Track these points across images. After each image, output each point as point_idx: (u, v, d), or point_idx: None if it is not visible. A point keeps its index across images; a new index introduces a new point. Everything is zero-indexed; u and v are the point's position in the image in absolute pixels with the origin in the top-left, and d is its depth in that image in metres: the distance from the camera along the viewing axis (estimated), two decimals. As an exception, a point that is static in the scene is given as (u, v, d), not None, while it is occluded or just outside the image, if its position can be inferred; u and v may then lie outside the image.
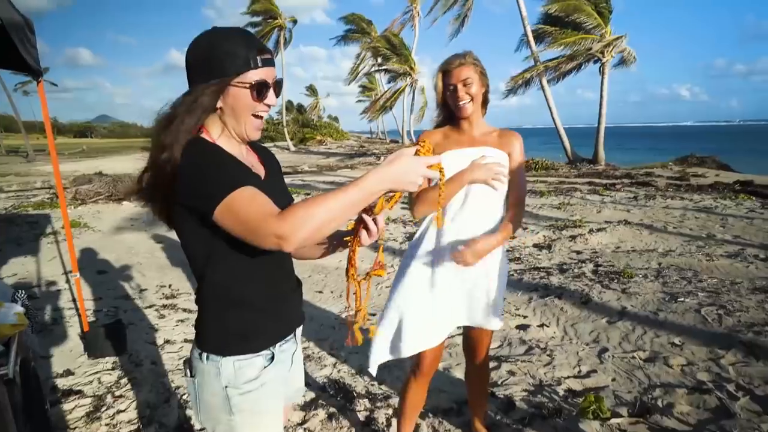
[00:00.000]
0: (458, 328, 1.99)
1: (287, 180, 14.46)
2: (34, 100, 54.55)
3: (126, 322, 3.69)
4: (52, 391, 2.79)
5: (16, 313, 2.08)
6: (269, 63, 1.09)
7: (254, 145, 1.29)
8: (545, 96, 19.16)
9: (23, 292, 2.54)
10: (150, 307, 4.21)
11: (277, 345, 1.20)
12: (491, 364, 3.00)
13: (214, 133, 1.13)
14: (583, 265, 5.09)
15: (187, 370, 1.19)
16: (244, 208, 0.95)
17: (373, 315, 3.56)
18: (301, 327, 1.34)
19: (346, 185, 0.94)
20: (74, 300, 4.32)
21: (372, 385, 2.83)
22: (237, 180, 0.98)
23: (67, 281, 5.00)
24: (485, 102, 1.88)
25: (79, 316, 3.47)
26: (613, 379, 2.77)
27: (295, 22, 35.29)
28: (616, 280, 4.49)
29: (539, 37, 19.04)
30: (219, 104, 1.09)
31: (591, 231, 6.51)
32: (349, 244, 1.14)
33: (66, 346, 3.43)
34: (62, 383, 2.88)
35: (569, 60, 18.75)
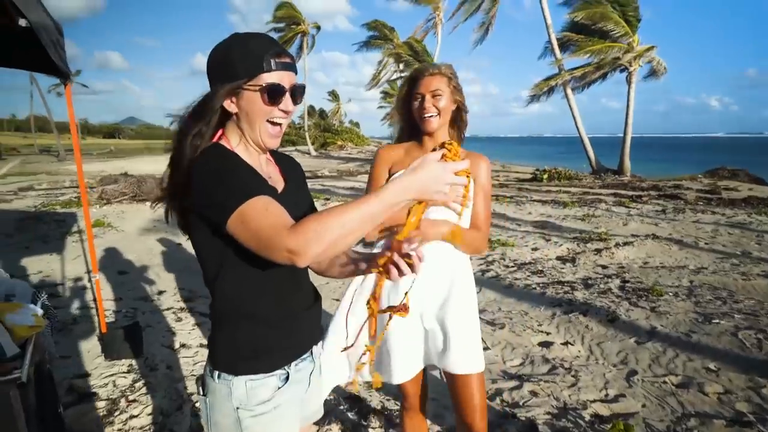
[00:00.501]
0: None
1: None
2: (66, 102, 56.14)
3: (143, 324, 3.69)
4: (67, 393, 2.78)
5: (33, 315, 2.07)
6: (287, 67, 1.04)
7: (276, 155, 1.24)
8: (569, 104, 18.87)
9: (44, 292, 2.55)
10: (168, 309, 4.21)
11: (292, 364, 1.15)
12: (511, 384, 2.89)
13: (233, 140, 1.09)
14: (610, 280, 4.91)
15: (200, 388, 1.14)
16: (256, 220, 0.90)
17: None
18: (320, 344, 1.27)
19: (366, 195, 0.88)
20: (95, 300, 4.36)
21: (388, 400, 2.75)
22: (251, 189, 0.94)
23: (89, 280, 5.05)
24: (459, 122, 1.72)
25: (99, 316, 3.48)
26: (644, 405, 2.62)
27: (318, 28, 35.69)
28: (644, 298, 4.31)
29: (564, 44, 18.79)
30: (234, 109, 1.05)
31: (617, 244, 6.30)
32: (376, 278, 1.07)
33: (84, 347, 3.44)
34: (78, 385, 2.88)
35: (595, 69, 18.43)
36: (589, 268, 5.45)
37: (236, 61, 1.01)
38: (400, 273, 1.02)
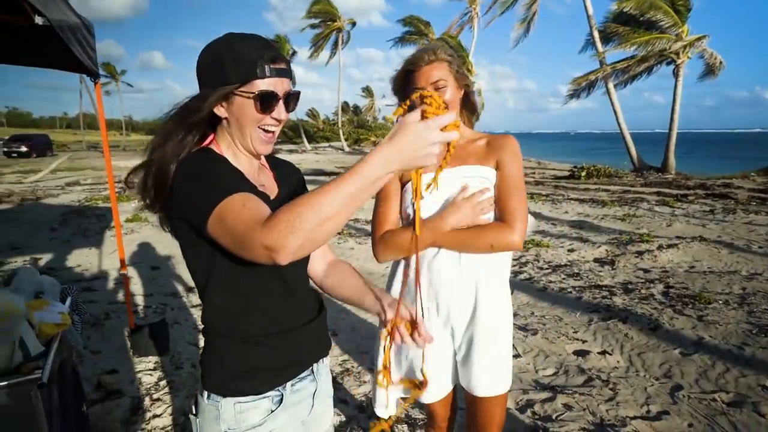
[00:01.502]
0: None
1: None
2: (114, 99, 58.91)
3: (171, 321, 3.72)
4: (96, 389, 2.82)
5: (60, 313, 2.08)
6: (282, 73, 0.98)
7: (272, 161, 1.17)
8: (611, 100, 18.13)
9: (74, 287, 2.58)
10: (196, 306, 4.25)
11: (288, 385, 1.06)
12: (543, 395, 2.73)
13: (223, 144, 1.05)
14: (652, 285, 4.62)
15: (192, 407, 1.07)
16: (232, 217, 0.83)
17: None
18: (324, 361, 1.17)
19: (343, 174, 0.77)
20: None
21: (413, 408, 2.64)
22: (231, 186, 0.87)
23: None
24: (470, 106, 1.53)
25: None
26: (690, 425, 2.42)
27: (353, 24, 35.75)
28: (690, 305, 4.02)
29: (606, 37, 18.02)
30: (224, 114, 1.00)
31: (660, 247, 5.96)
32: (384, 343, 1.02)
33: (115, 342, 3.50)
34: (106, 381, 2.91)
35: (640, 62, 17.60)
36: (630, 271, 5.16)
37: (228, 64, 0.95)
38: (404, 341, 0.99)
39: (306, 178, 1.28)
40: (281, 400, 1.04)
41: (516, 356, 3.24)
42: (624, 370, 3.05)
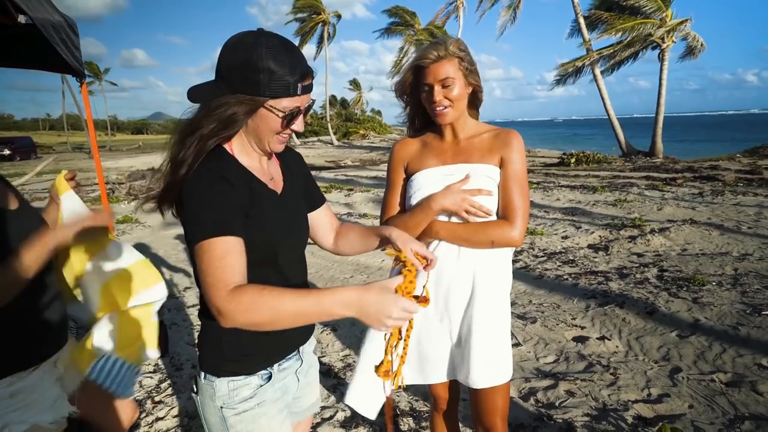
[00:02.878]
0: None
1: (330, 176, 14.35)
2: (98, 99, 58.00)
3: (169, 322, 3.69)
4: (95, 393, 2.78)
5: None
6: (309, 89, 1.04)
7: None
8: (598, 86, 18.22)
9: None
10: (193, 306, 4.21)
11: (275, 365, 1.17)
12: (545, 383, 2.75)
13: (236, 144, 1.09)
14: (646, 269, 4.68)
15: (194, 386, 1.17)
16: (208, 263, 0.93)
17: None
18: (309, 343, 1.30)
19: (310, 293, 0.92)
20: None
21: (416, 401, 2.65)
22: (224, 225, 0.95)
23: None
24: (477, 102, 1.54)
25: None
26: (690, 406, 2.45)
27: (339, 17, 35.43)
28: (685, 288, 4.07)
29: (592, 24, 18.07)
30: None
31: (652, 231, 6.02)
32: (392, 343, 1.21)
33: (112, 345, 3.46)
34: (105, 385, 2.88)
35: (626, 47, 17.68)
36: (624, 256, 5.21)
37: (263, 75, 0.97)
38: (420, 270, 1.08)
39: None
40: (270, 377, 1.14)
41: (516, 345, 3.26)
42: (623, 354, 3.08)
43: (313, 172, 1.41)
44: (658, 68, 17.58)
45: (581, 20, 17.94)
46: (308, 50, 37.49)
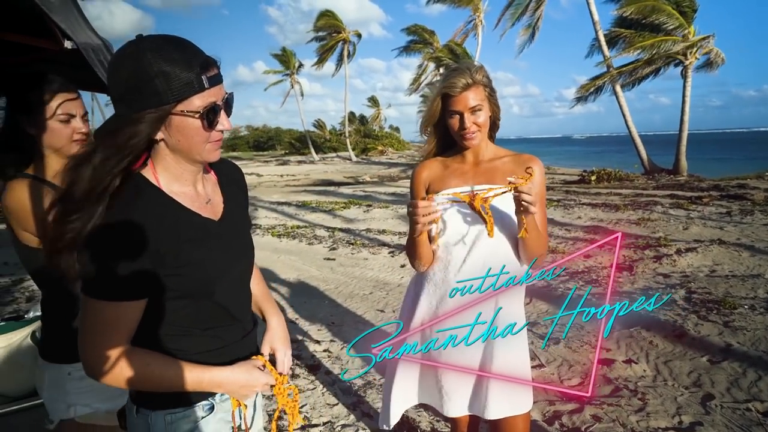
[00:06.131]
0: None
1: (348, 191, 14.40)
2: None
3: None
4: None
5: None
6: (217, 80, 0.91)
7: (213, 163, 1.10)
8: (619, 103, 18.04)
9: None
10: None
11: (218, 395, 1.05)
12: (570, 406, 2.68)
13: (161, 167, 0.96)
14: (673, 291, 4.55)
15: (120, 421, 1.09)
16: (93, 322, 0.91)
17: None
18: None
19: (185, 366, 0.95)
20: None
21: (438, 421, 2.61)
22: (121, 289, 0.90)
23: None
24: (494, 126, 1.58)
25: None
26: (725, 436, 2.36)
27: (359, 36, 36.06)
28: (715, 311, 3.95)
29: (612, 41, 17.99)
30: (161, 136, 0.92)
31: (679, 251, 5.87)
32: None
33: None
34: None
35: (646, 64, 17.53)
36: (649, 277, 5.09)
37: (159, 81, 0.84)
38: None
39: (315, 188, 1.32)
40: (212, 408, 1.05)
41: (540, 366, 3.19)
42: (651, 379, 2.99)
43: (332, 188, 1.41)
44: (678, 84, 17.44)
45: (601, 38, 17.87)
46: (328, 68, 38.17)
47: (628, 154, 19.13)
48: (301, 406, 2.83)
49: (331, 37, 34.72)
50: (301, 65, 39.75)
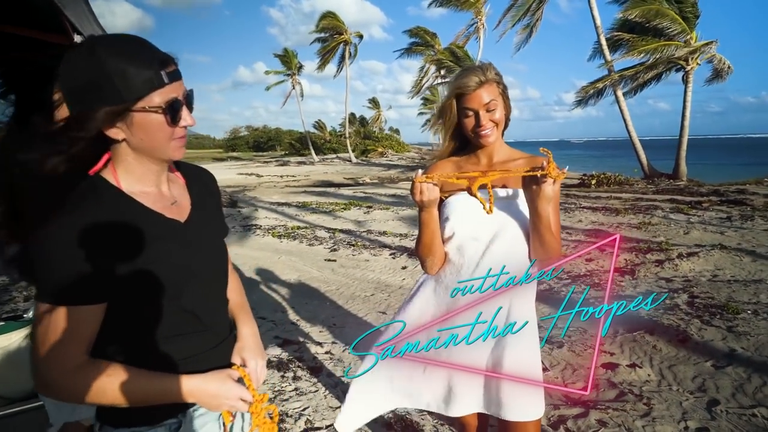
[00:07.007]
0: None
1: (348, 192, 14.36)
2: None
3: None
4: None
5: None
6: (176, 76, 0.89)
7: (183, 167, 1.09)
8: (620, 108, 18.06)
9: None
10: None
11: (188, 411, 1.00)
12: (575, 411, 2.66)
13: (122, 169, 0.93)
14: (676, 295, 4.54)
15: None
16: (47, 330, 0.84)
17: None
18: None
19: (150, 377, 0.90)
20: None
21: (442, 425, 2.59)
22: (77, 293, 0.84)
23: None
24: (506, 124, 1.56)
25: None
26: (731, 442, 2.34)
27: (361, 37, 36.11)
28: (718, 316, 3.93)
29: (614, 45, 18.01)
30: (122, 136, 0.88)
31: (680, 255, 5.86)
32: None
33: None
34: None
35: (648, 69, 17.55)
36: (651, 281, 5.08)
37: (117, 79, 0.82)
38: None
39: (315, 189, 1.28)
40: (179, 426, 0.98)
41: (544, 370, 3.17)
42: (656, 383, 2.98)
43: (332, 189, 1.38)
44: (677, 90, 17.52)
45: (603, 41, 17.89)
46: (329, 70, 38.18)
47: (627, 159, 19.17)
48: (303, 409, 2.81)
49: (333, 38, 34.76)
50: (302, 66, 39.76)
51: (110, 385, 0.86)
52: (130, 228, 0.89)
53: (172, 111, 0.88)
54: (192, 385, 0.92)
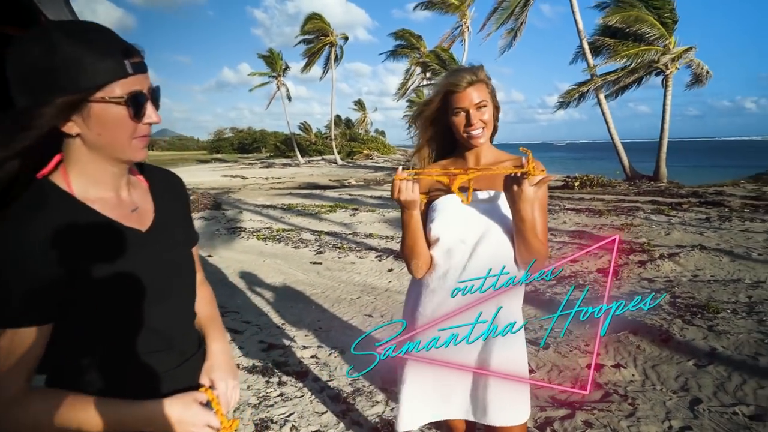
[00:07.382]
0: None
1: (334, 194, 14.30)
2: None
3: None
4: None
5: None
6: (142, 68, 0.81)
7: (147, 170, 1.00)
8: (602, 111, 18.36)
9: None
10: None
11: None
12: (561, 412, 2.68)
13: (75, 171, 0.83)
14: (658, 295, 4.60)
15: None
16: None
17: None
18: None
19: (102, 404, 0.80)
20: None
21: (430, 429, 2.57)
22: (16, 315, 0.75)
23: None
24: (495, 128, 1.55)
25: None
26: (714, 440, 2.37)
27: (346, 38, 36.06)
28: (699, 315, 4.00)
29: (596, 49, 18.30)
30: (77, 130, 0.79)
31: (662, 256, 5.96)
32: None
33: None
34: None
35: (629, 73, 17.87)
36: (634, 281, 5.15)
37: (73, 66, 0.73)
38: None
39: (301, 192, 1.25)
40: None
41: (530, 372, 3.18)
42: (640, 383, 3.01)
43: (317, 191, 1.35)
44: (657, 94, 17.86)
45: (585, 46, 18.17)
46: (314, 71, 38.02)
47: (609, 161, 19.47)
48: (288, 415, 2.77)
49: (319, 40, 34.66)
50: (287, 68, 39.55)
51: (55, 418, 0.77)
52: (81, 239, 0.80)
53: (136, 104, 0.79)
54: (152, 411, 0.84)
